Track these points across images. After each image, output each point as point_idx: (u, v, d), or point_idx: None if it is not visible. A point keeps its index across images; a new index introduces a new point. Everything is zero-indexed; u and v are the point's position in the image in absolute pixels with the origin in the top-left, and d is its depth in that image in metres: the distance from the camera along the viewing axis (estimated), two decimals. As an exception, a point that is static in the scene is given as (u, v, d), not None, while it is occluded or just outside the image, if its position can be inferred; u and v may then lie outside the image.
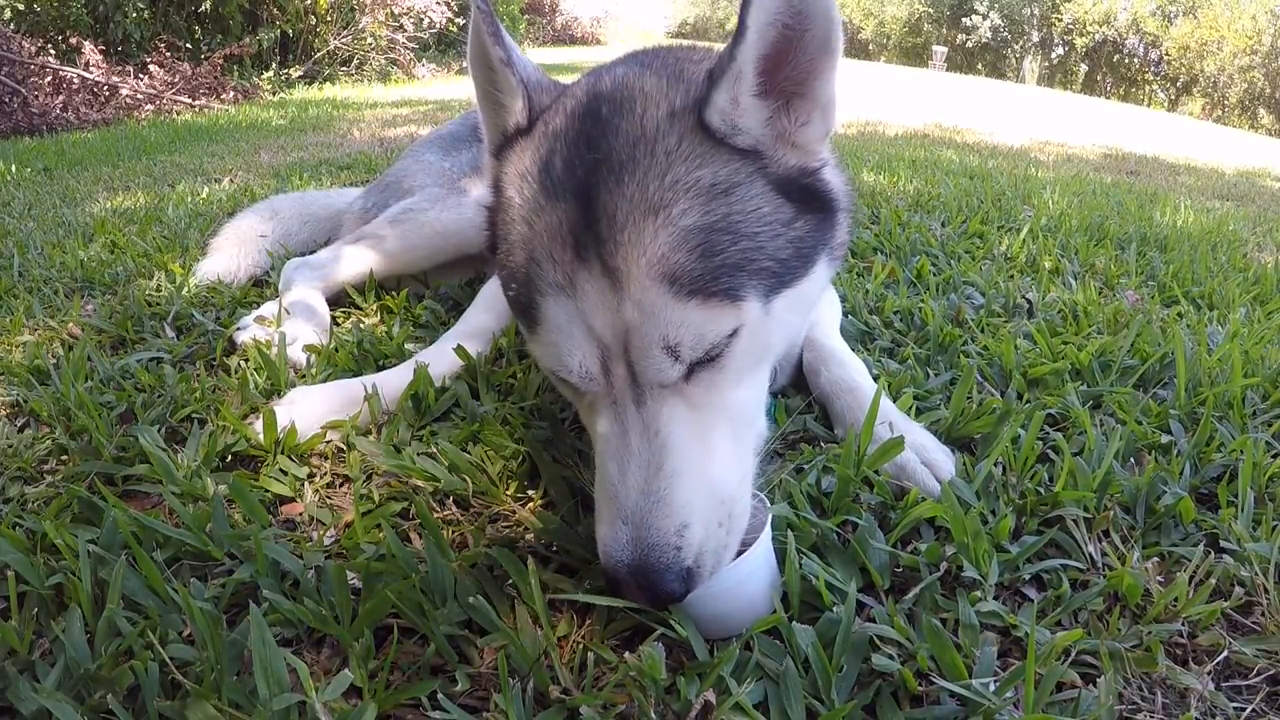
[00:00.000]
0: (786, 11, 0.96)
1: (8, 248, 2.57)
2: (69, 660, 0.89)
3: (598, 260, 0.93)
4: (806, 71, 1.03)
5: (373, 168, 4.03)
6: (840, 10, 1.02)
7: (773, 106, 1.03)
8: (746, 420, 1.05)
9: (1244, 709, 0.91)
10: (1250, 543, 1.10)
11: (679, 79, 1.06)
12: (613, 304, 0.92)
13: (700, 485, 0.93)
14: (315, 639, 0.98)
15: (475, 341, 1.62)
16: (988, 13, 35.12)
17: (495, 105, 1.14)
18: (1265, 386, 1.59)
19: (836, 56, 1.03)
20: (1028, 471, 1.26)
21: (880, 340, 1.81)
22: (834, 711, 0.85)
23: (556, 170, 1.00)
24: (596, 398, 0.99)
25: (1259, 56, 25.57)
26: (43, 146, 5.68)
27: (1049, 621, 0.99)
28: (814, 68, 1.03)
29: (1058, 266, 2.47)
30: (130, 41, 9.64)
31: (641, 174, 0.95)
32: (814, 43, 1.01)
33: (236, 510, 1.17)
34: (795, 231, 1.02)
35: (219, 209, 3.12)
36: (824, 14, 0.98)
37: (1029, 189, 3.98)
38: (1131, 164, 6.72)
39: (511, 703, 0.84)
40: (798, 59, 1.01)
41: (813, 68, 1.03)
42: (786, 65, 1.01)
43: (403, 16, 12.68)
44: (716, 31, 48.41)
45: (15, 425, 1.47)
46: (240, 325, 1.80)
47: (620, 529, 0.90)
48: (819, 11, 0.98)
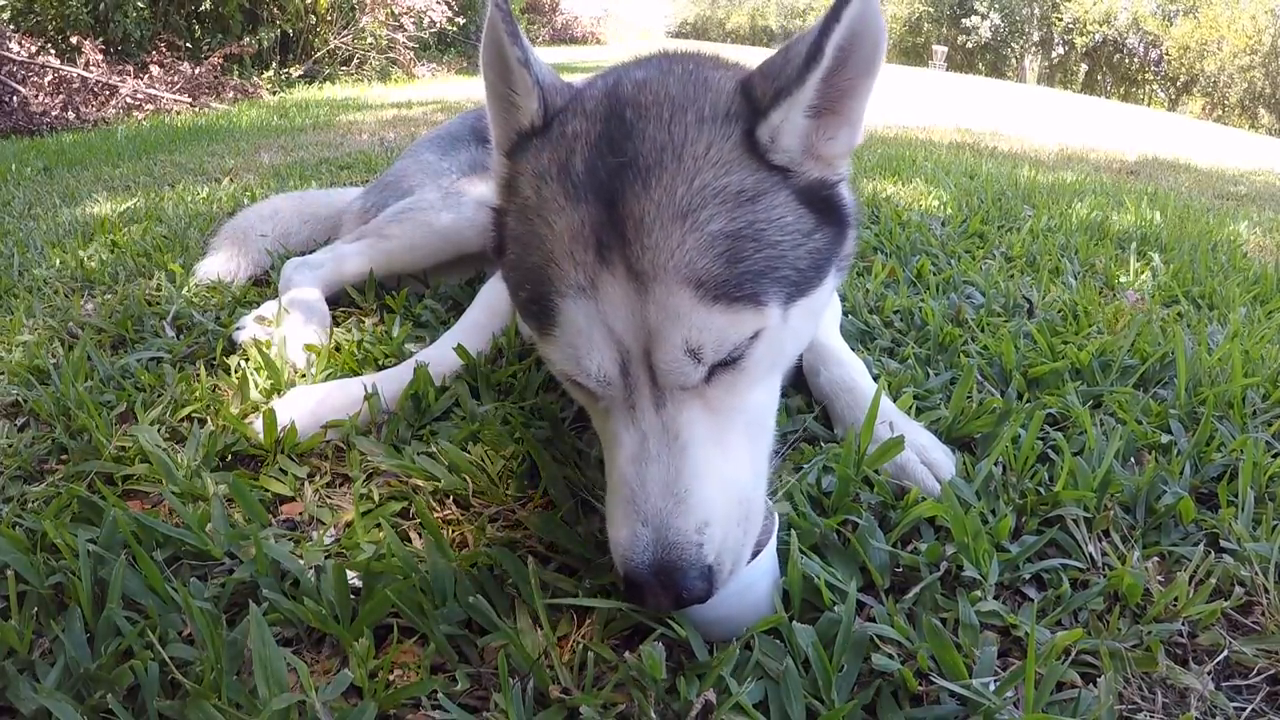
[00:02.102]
0: (847, 34, 0.96)
1: (8, 248, 2.57)
2: (69, 660, 0.89)
3: (621, 262, 0.92)
4: (845, 90, 1.03)
5: (373, 168, 4.03)
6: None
7: (812, 124, 1.04)
8: (762, 423, 1.05)
9: (1244, 709, 0.91)
10: (1250, 542, 1.11)
11: (705, 86, 1.06)
12: (636, 306, 0.92)
13: (719, 486, 0.93)
14: (315, 639, 0.98)
15: (475, 341, 1.61)
16: (988, 12, 35.12)
17: (508, 105, 1.13)
18: (1265, 386, 1.59)
19: (876, 78, 1.04)
20: (1028, 471, 1.26)
21: (880, 340, 1.81)
22: (834, 711, 0.85)
23: (577, 171, 0.99)
24: (612, 402, 0.99)
25: (1259, 56, 25.56)
26: (43, 146, 5.68)
27: (1049, 621, 0.99)
28: (853, 86, 1.03)
29: (1058, 266, 2.47)
30: (130, 41, 9.63)
31: (669, 178, 0.95)
32: (859, 63, 1.01)
33: (236, 510, 1.17)
34: (814, 242, 1.02)
35: (219, 209, 3.12)
36: (874, 36, 0.99)
37: (1029, 189, 3.98)
38: (1131, 164, 6.72)
39: (511, 703, 0.84)
40: (840, 78, 1.01)
41: (852, 86, 1.03)
42: (830, 84, 1.01)
43: (403, 16, 12.66)
44: (716, 31, 48.42)
45: (15, 425, 1.47)
46: (240, 325, 1.80)
47: (640, 530, 0.89)
48: (872, 33, 0.98)
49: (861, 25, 0.96)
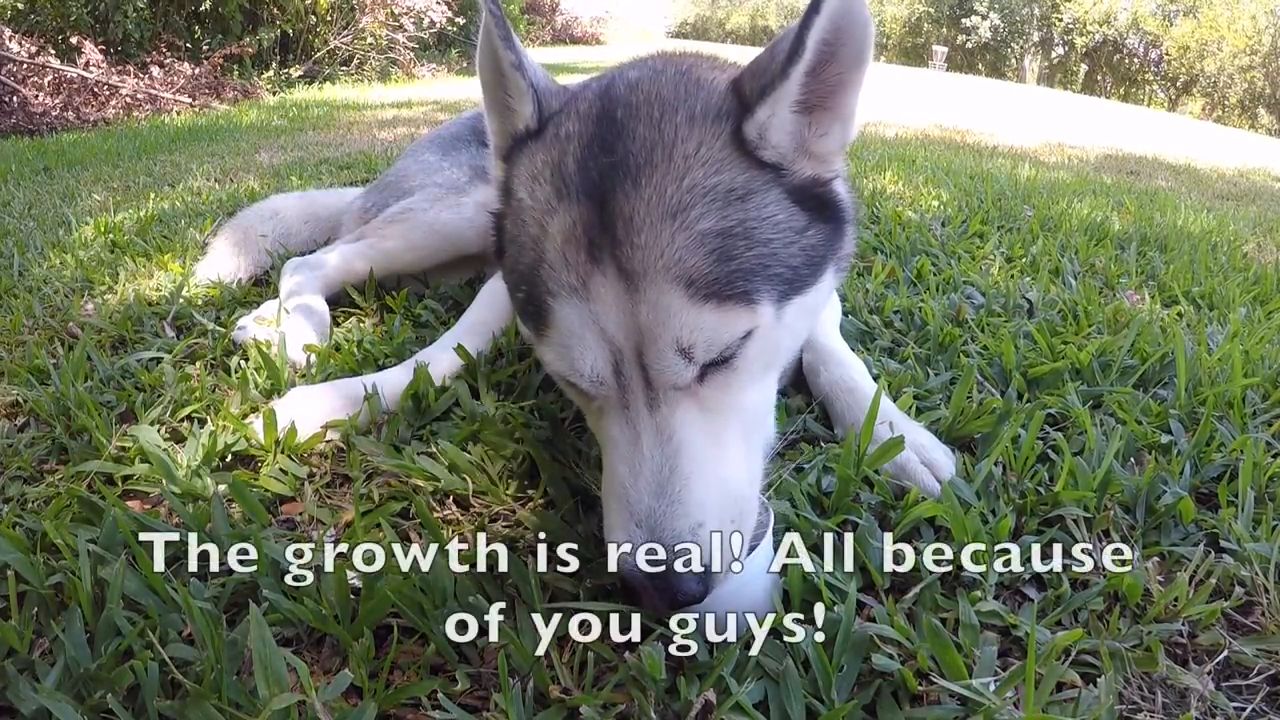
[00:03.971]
0: (830, 28, 0.96)
1: (8, 248, 2.57)
2: (69, 660, 0.89)
3: (612, 262, 0.93)
4: (834, 85, 1.03)
5: (373, 168, 4.03)
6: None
7: (802, 120, 1.04)
8: (756, 423, 1.05)
9: (1244, 709, 0.91)
10: (1250, 543, 1.10)
11: (697, 85, 1.06)
12: (627, 306, 0.92)
13: (714, 486, 0.93)
14: (315, 639, 0.98)
15: (476, 341, 1.62)
16: (988, 13, 35.11)
17: (503, 108, 1.14)
18: (1265, 386, 1.59)
19: (865, 72, 1.03)
20: (1028, 471, 1.26)
21: (880, 340, 1.81)
22: (834, 711, 0.85)
23: (570, 172, 0.99)
24: (606, 402, 0.99)
25: (1259, 56, 25.56)
26: (43, 146, 5.67)
27: (1049, 621, 0.99)
28: (842, 81, 1.03)
29: (1058, 266, 2.47)
30: (130, 41, 9.63)
31: (659, 178, 0.95)
32: (847, 57, 1.01)
33: (236, 510, 1.17)
34: (808, 240, 1.02)
35: (219, 209, 3.11)
36: (862, 29, 0.99)
37: (1029, 189, 3.98)
38: (1131, 164, 6.72)
39: (511, 703, 0.84)
40: (828, 73, 1.01)
41: (841, 82, 1.03)
42: (818, 79, 1.01)
43: (403, 16, 12.66)
44: (716, 31, 48.40)
45: (15, 425, 1.47)
46: (240, 325, 1.80)
47: (634, 532, 0.89)
48: (859, 27, 0.98)
49: (845, 19, 0.96)
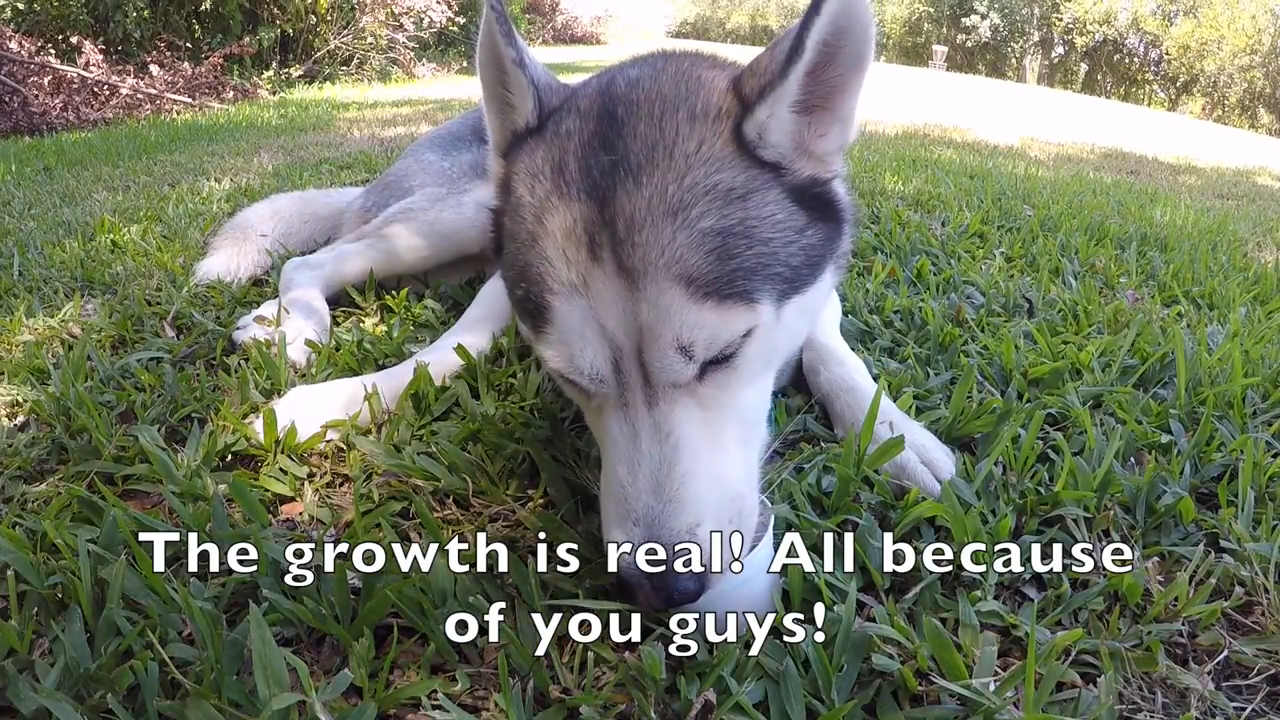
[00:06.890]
0: (830, 29, 0.96)
1: (8, 247, 2.57)
2: (69, 660, 0.89)
3: (613, 260, 0.93)
4: (834, 86, 1.03)
5: (373, 167, 4.03)
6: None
7: (802, 121, 1.04)
8: (754, 422, 1.05)
9: (1244, 709, 0.91)
10: (1250, 542, 1.10)
11: (697, 84, 1.06)
12: (628, 303, 0.92)
13: (712, 484, 0.93)
14: (315, 639, 0.98)
15: (476, 340, 1.62)
16: (987, 12, 35.11)
17: (504, 105, 1.14)
18: (1265, 386, 1.59)
19: (866, 73, 1.03)
20: (1028, 471, 1.26)
21: (880, 340, 1.81)
22: (834, 711, 0.85)
23: (570, 170, 1.00)
24: (605, 400, 0.99)
25: (1259, 56, 25.54)
26: (43, 146, 5.67)
27: (1049, 621, 0.99)
28: (843, 82, 1.03)
29: (1058, 266, 2.47)
30: (130, 41, 9.63)
31: (660, 176, 0.95)
32: (848, 58, 1.01)
33: (236, 510, 1.17)
34: (807, 239, 1.02)
35: (219, 209, 3.11)
36: (862, 30, 0.98)
37: (1029, 188, 3.98)
38: (1131, 164, 6.71)
39: (511, 703, 0.84)
40: (828, 74, 1.01)
41: (841, 82, 1.03)
42: (817, 80, 1.01)
43: (403, 16, 12.65)
44: (716, 31, 48.37)
45: (15, 425, 1.47)
46: (240, 325, 1.80)
47: (632, 530, 0.90)
48: (859, 28, 0.98)
49: (846, 20, 0.96)
